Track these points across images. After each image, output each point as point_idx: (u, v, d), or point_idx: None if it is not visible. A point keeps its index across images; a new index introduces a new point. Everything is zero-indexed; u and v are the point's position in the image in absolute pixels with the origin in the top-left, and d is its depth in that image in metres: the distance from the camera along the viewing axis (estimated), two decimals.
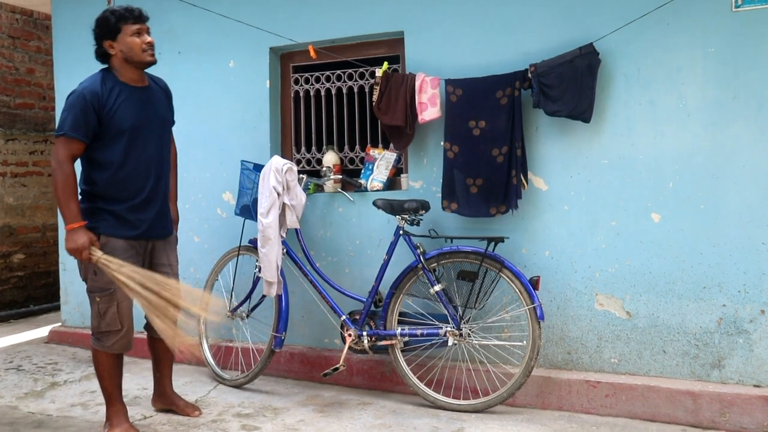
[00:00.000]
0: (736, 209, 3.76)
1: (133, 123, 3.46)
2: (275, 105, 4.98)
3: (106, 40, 3.48)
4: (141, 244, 3.58)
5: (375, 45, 4.73)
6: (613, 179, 4.00)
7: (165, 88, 3.80)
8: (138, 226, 3.53)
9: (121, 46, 3.48)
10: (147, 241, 3.62)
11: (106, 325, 3.47)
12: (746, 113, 3.72)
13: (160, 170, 3.62)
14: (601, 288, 4.04)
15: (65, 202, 3.34)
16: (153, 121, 3.57)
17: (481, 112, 4.12)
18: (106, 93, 3.41)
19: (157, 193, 3.60)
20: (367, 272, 4.51)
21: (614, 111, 3.99)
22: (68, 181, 3.34)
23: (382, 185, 4.57)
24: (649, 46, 3.90)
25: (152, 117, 3.57)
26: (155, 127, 3.58)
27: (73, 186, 3.36)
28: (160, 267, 3.65)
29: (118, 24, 3.45)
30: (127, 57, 3.48)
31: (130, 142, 3.46)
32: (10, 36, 7.04)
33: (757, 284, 3.72)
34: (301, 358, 4.71)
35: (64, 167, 3.35)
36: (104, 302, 3.43)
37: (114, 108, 3.41)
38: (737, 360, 3.76)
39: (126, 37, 3.46)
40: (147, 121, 3.53)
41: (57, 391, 4.47)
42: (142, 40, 3.48)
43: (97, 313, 3.49)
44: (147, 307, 3.33)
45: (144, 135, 3.51)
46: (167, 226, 3.73)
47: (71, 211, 3.34)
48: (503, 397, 3.89)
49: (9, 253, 7.01)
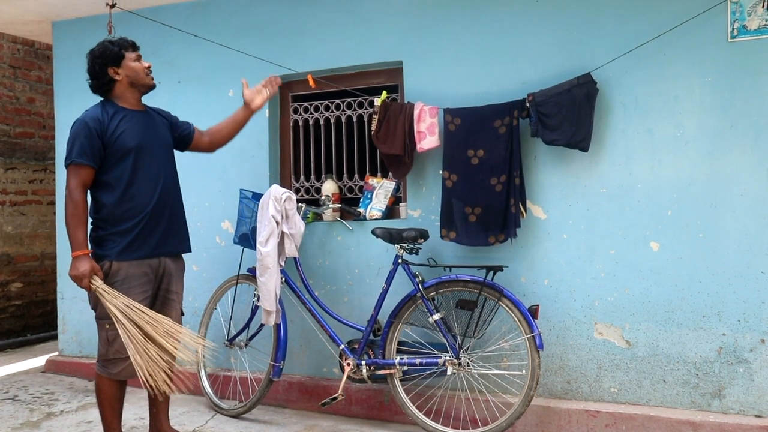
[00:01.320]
0: (734, 238, 3.76)
1: (138, 142, 3.49)
2: (274, 134, 5.00)
3: (111, 67, 3.53)
4: (153, 268, 3.54)
5: (374, 74, 4.76)
6: (612, 208, 4.01)
7: (163, 114, 3.82)
8: (147, 242, 3.50)
9: (126, 71, 3.54)
10: (159, 261, 3.57)
11: (114, 352, 3.43)
12: (744, 142, 3.74)
13: (166, 185, 3.60)
14: (601, 317, 4.03)
15: (73, 230, 3.35)
16: (156, 141, 3.60)
17: (480, 141, 4.14)
18: (108, 118, 3.46)
19: (164, 206, 3.57)
20: (366, 301, 4.50)
21: (612, 140, 4.01)
22: (78, 208, 3.37)
23: (381, 214, 4.57)
24: (647, 76, 3.93)
25: (155, 137, 3.61)
26: (159, 146, 3.61)
27: (82, 214, 3.38)
28: (167, 293, 3.63)
29: (121, 51, 3.54)
30: (133, 81, 3.56)
31: (136, 160, 3.49)
32: (12, 66, 7.08)
33: (757, 313, 3.71)
34: (299, 388, 4.68)
35: (74, 195, 3.37)
36: (113, 329, 3.40)
37: (117, 131, 3.45)
38: (738, 389, 3.74)
39: (129, 62, 3.55)
40: (150, 141, 3.56)
41: (53, 422, 4.43)
42: (143, 64, 3.60)
43: (105, 340, 3.46)
44: (128, 342, 3.29)
45: (149, 153, 3.54)
46: (181, 244, 3.71)
47: (77, 239, 3.35)
48: (502, 426, 3.85)
49: (7, 282, 6.99)
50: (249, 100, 3.94)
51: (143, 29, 5.23)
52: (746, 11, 3.73)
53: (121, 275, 3.43)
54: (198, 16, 5.16)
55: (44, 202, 7.39)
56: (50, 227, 7.26)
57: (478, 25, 4.33)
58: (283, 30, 4.89)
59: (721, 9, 3.77)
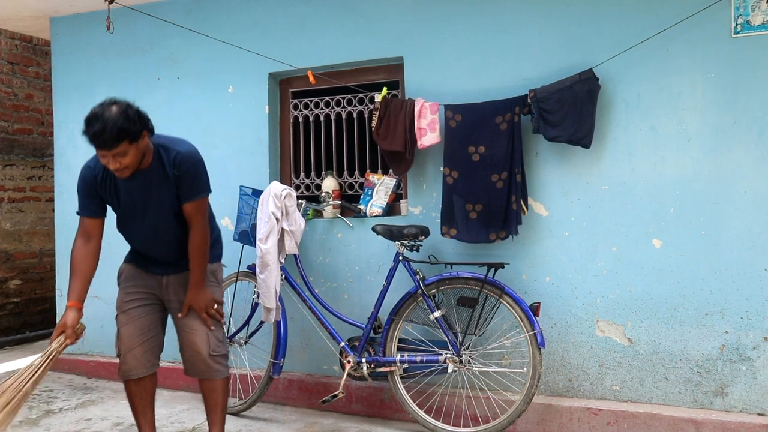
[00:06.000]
0: (737, 235, 3.74)
1: (123, 209, 3.37)
2: (274, 130, 4.98)
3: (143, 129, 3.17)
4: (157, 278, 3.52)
5: (374, 70, 4.74)
6: (614, 205, 3.99)
7: (175, 165, 3.29)
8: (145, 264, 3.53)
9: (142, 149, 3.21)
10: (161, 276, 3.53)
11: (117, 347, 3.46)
12: (747, 139, 3.72)
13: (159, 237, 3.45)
14: (602, 314, 4.01)
15: (69, 278, 3.34)
16: (148, 202, 3.34)
17: (481, 137, 4.11)
18: (100, 171, 3.29)
19: (161, 258, 3.51)
20: (366, 298, 4.48)
21: (614, 136, 3.98)
22: (72, 257, 3.34)
23: (382, 211, 4.55)
24: (649, 72, 3.91)
25: (143, 201, 3.34)
26: (149, 209, 3.35)
27: (77, 263, 3.32)
28: (169, 303, 3.56)
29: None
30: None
31: (123, 215, 3.42)
32: (9, 62, 7.05)
33: (760, 311, 3.69)
34: (299, 385, 4.66)
35: (74, 243, 3.37)
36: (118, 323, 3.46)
37: (105, 191, 3.34)
38: (740, 387, 3.72)
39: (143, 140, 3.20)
40: (135, 206, 3.35)
41: (52, 419, 4.41)
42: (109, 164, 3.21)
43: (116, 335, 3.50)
44: None
45: (137, 218, 3.38)
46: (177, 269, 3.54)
47: (69, 288, 3.31)
48: (504, 424, 3.84)
49: (5, 279, 6.97)
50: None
51: (142, 24, 5.21)
52: (750, 6, 3.70)
53: (124, 275, 3.53)
54: (197, 11, 5.13)
55: (43, 199, 7.36)
56: (49, 224, 7.23)
57: (479, 21, 4.30)
58: (283, 26, 4.86)
59: (725, 4, 3.74)
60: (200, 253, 3.38)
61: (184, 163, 3.27)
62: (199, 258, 3.39)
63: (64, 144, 5.70)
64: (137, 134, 3.09)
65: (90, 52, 5.56)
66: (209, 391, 3.52)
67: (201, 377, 3.52)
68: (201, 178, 3.35)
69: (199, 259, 3.39)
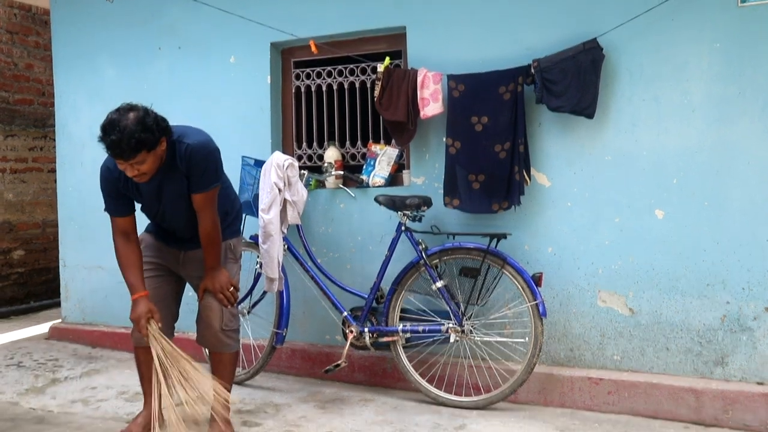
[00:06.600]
0: (740, 206, 3.74)
1: (144, 199, 3.39)
2: (276, 100, 4.95)
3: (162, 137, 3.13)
4: (174, 253, 3.58)
5: (376, 40, 4.70)
6: (617, 175, 3.98)
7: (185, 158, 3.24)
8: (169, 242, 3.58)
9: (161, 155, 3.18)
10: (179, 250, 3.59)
11: None
12: (752, 110, 3.70)
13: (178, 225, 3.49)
14: (604, 285, 4.02)
15: (123, 275, 3.34)
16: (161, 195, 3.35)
17: (484, 107, 4.10)
18: (121, 173, 3.22)
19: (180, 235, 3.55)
20: (369, 268, 4.49)
21: (618, 107, 3.97)
22: (119, 256, 3.35)
23: (384, 181, 4.54)
24: (654, 42, 3.88)
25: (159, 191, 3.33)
26: (167, 198, 3.36)
27: (125, 259, 3.34)
28: (190, 279, 3.62)
29: None
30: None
31: (145, 207, 3.45)
32: (8, 31, 7.01)
33: (761, 281, 3.70)
34: (302, 355, 4.69)
35: (115, 243, 3.37)
36: None
37: (128, 189, 3.33)
38: (741, 357, 3.75)
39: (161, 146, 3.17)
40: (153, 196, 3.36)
41: (58, 388, 4.45)
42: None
43: None
44: (161, 380, 3.22)
45: (157, 205, 3.40)
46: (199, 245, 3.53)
47: (128, 283, 3.32)
48: (505, 393, 3.87)
49: (9, 250, 6.99)
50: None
51: None
52: None
53: (144, 244, 3.53)
54: None
55: (45, 169, 7.36)
56: (51, 195, 7.24)
57: None
58: None
59: None
60: (211, 241, 3.39)
61: (193, 156, 3.23)
62: (211, 246, 3.39)
63: (66, 114, 5.68)
64: (155, 143, 3.06)
65: (90, 22, 5.53)
66: (217, 362, 3.58)
67: (211, 350, 3.60)
68: (210, 170, 3.31)
69: (211, 247, 3.40)
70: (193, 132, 3.33)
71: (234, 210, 3.67)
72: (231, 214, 3.62)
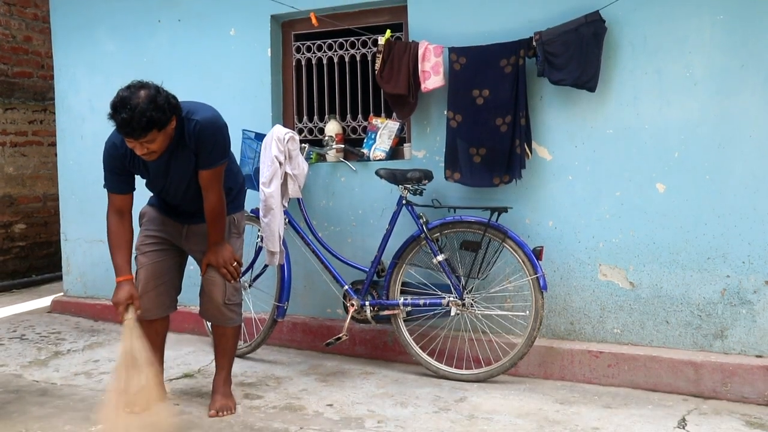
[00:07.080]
0: (741, 180, 3.73)
1: (151, 176, 3.37)
2: (276, 74, 4.93)
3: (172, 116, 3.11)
4: (177, 227, 3.58)
5: (377, 12, 4.66)
6: (618, 149, 3.97)
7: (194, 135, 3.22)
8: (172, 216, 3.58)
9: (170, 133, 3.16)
10: (182, 224, 3.59)
11: None
12: (754, 82, 3.68)
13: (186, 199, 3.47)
14: (605, 258, 4.03)
15: (111, 255, 3.34)
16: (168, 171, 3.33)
17: (485, 80, 4.08)
18: (128, 150, 3.20)
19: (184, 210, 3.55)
20: (370, 242, 4.49)
21: (620, 80, 3.94)
22: (110, 234, 3.34)
23: (385, 155, 4.53)
24: (656, 14, 3.84)
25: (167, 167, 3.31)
26: (174, 174, 3.34)
27: (115, 239, 3.32)
28: (193, 253, 3.62)
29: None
30: None
31: (150, 183, 3.46)
32: (6, 2, 6.95)
33: (762, 255, 3.70)
34: (303, 328, 4.71)
35: (108, 221, 3.36)
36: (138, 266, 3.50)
37: (135, 167, 3.33)
38: (740, 330, 3.76)
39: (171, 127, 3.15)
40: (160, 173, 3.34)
41: (61, 360, 4.48)
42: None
43: None
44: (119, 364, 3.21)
45: (162, 181, 3.38)
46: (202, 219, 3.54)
47: (115, 264, 3.31)
48: (506, 366, 3.89)
49: (10, 223, 7.00)
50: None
51: None
52: None
53: (147, 217, 3.57)
54: None
55: (45, 143, 7.35)
56: (52, 168, 7.23)
57: None
58: None
59: None
60: (216, 216, 3.39)
61: (202, 133, 3.22)
62: (215, 221, 3.40)
63: (65, 88, 5.66)
64: (166, 122, 3.04)
65: None
66: (220, 336, 3.62)
67: (213, 323, 3.63)
68: (218, 147, 3.30)
69: (216, 222, 3.40)
70: (201, 108, 3.31)
71: (237, 185, 3.66)
72: (234, 189, 3.62)
